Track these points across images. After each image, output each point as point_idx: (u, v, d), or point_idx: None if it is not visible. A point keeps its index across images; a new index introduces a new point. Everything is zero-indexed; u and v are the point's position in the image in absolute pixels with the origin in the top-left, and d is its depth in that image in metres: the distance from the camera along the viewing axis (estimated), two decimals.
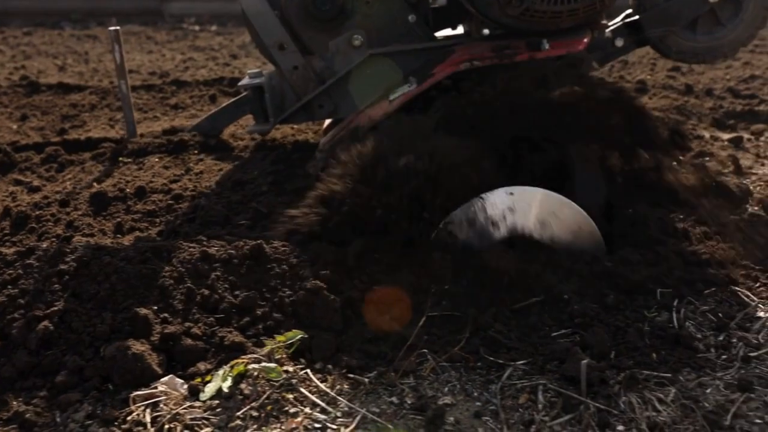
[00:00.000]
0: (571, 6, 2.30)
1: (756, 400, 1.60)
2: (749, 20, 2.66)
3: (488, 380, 1.70)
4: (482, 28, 2.45)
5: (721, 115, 4.14)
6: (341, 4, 2.56)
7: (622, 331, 1.85)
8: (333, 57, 2.59)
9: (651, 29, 2.64)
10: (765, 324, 1.89)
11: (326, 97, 2.61)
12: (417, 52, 2.55)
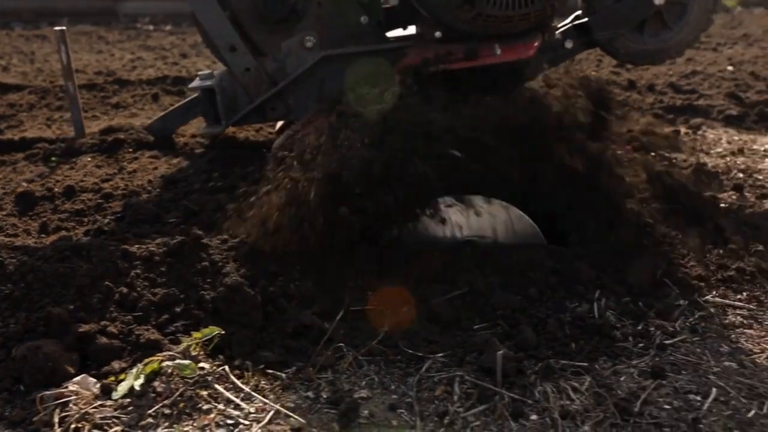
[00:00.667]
0: (522, 11, 2.30)
1: (667, 387, 1.62)
2: (694, 23, 2.71)
3: (407, 373, 1.70)
4: (434, 31, 2.45)
5: (662, 110, 4.20)
6: (293, 5, 2.54)
7: (542, 323, 1.86)
8: (285, 58, 2.56)
9: (599, 32, 2.66)
10: (683, 312, 1.92)
11: (279, 99, 2.59)
12: (369, 54, 2.53)
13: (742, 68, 5.46)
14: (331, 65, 2.52)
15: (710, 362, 1.71)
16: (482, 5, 2.28)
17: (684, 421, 1.50)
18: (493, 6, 2.28)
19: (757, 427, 1.49)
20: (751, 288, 2.04)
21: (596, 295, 1.97)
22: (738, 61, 5.85)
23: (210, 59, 6.44)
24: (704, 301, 1.97)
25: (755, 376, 1.66)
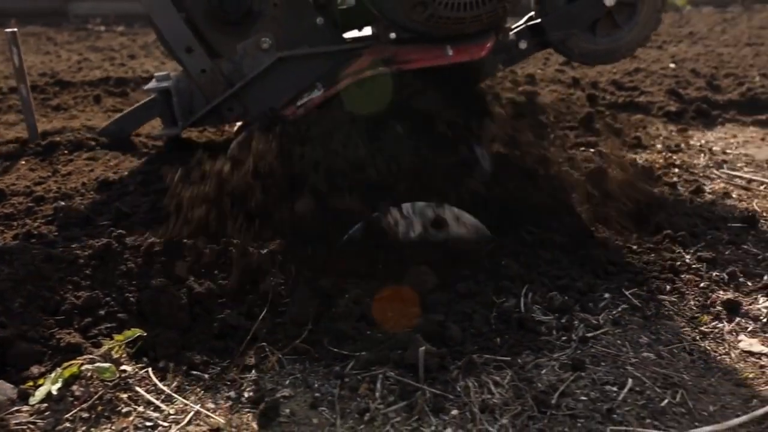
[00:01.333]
0: (474, 12, 2.34)
1: (585, 378, 1.65)
2: (644, 22, 2.77)
3: (331, 372, 1.70)
4: (389, 32, 2.46)
5: (604, 107, 4.26)
6: (248, 7, 2.52)
7: (469, 318, 1.88)
8: (241, 60, 2.55)
9: (552, 32, 2.72)
10: (607, 305, 1.95)
11: (235, 101, 2.58)
12: (325, 55, 2.54)
13: (683, 66, 5.56)
14: (287, 66, 2.53)
15: (629, 353, 1.74)
16: (435, 7, 2.31)
17: (599, 412, 1.53)
18: (445, 7, 2.32)
19: (669, 416, 1.52)
20: (673, 280, 2.07)
21: (523, 291, 1.99)
22: (681, 59, 5.96)
23: (158, 60, 6.40)
24: (630, 293, 2.00)
25: (671, 366, 1.69)
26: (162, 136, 3.13)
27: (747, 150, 3.66)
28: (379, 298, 1.93)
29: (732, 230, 2.47)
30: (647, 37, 2.84)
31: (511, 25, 2.75)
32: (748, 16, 10.36)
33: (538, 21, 2.73)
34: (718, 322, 1.89)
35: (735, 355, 1.74)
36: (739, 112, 4.35)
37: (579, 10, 2.69)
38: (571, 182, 2.51)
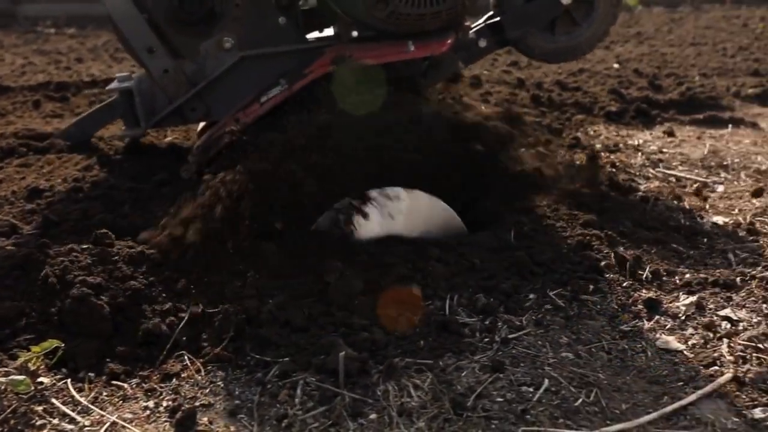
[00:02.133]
0: (434, 9, 2.39)
1: (503, 380, 1.67)
2: (601, 18, 2.84)
3: (253, 379, 1.70)
4: (351, 30, 2.50)
5: (546, 107, 4.31)
6: (210, 7, 2.53)
7: (394, 321, 1.89)
8: (204, 60, 2.55)
9: (511, 30, 2.77)
10: (531, 306, 1.98)
11: (198, 101, 2.58)
12: (288, 54, 2.56)
13: (627, 66, 5.65)
14: (250, 66, 2.54)
15: (548, 354, 1.76)
16: (395, 3, 2.35)
17: (513, 413, 1.55)
18: (405, 4, 2.36)
19: (582, 415, 1.55)
20: (597, 280, 2.11)
21: (450, 293, 2.01)
22: (625, 58, 6.06)
23: (105, 64, 6.32)
24: (555, 294, 2.03)
25: (588, 366, 1.72)
26: (125, 138, 3.12)
27: (683, 149, 3.73)
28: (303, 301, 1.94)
29: (660, 229, 2.52)
30: (606, 33, 2.91)
31: (471, 24, 2.80)
32: (696, 16, 10.55)
33: (497, 19, 2.78)
34: (638, 320, 1.93)
35: (651, 353, 1.78)
36: (678, 111, 4.43)
37: (536, 8, 2.75)
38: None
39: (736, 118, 4.31)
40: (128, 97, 2.74)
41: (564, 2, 2.74)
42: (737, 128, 4.18)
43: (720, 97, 4.71)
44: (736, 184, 3.20)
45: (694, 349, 1.79)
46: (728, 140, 3.93)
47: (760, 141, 3.90)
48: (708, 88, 4.93)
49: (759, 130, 4.15)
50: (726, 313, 1.95)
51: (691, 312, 1.96)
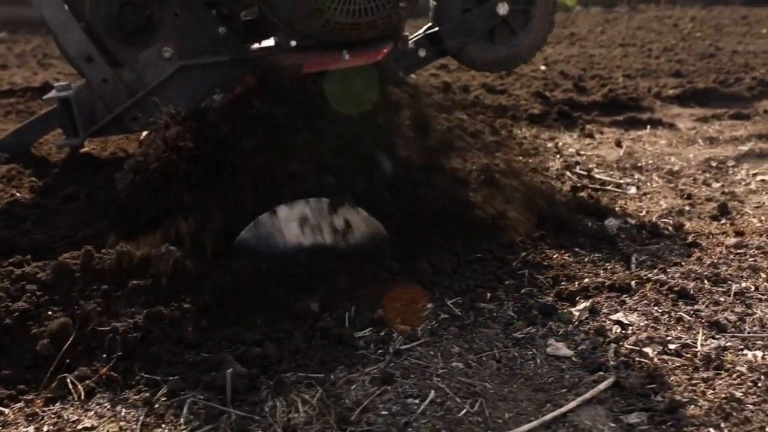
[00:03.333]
0: (369, 18, 2.42)
1: (391, 392, 1.67)
2: (538, 26, 2.92)
3: (141, 399, 1.67)
4: (289, 39, 2.52)
5: (474, 111, 4.35)
6: (149, 16, 2.52)
7: (289, 335, 1.88)
8: (143, 69, 2.55)
9: (449, 40, 2.83)
10: (428, 316, 1.99)
11: (139, 109, 2.57)
12: (227, 64, 2.57)
13: (555, 68, 5.74)
14: (190, 75, 2.57)
15: (439, 364, 1.78)
16: (330, 13, 2.39)
17: (396, 426, 1.56)
18: (340, 14, 2.40)
19: (465, 425, 1.56)
20: (495, 287, 2.13)
21: (349, 305, 2.01)
22: (553, 60, 6.15)
23: (32, 70, 6.19)
24: (452, 303, 2.04)
25: (477, 375, 1.74)
26: (64, 147, 3.07)
27: (600, 151, 3.81)
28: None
29: (566, 234, 2.55)
30: (544, 40, 3.00)
31: (410, 34, 2.85)
32: (630, 17, 10.76)
33: (436, 30, 2.84)
34: (532, 327, 1.95)
35: (540, 360, 1.80)
36: (600, 113, 4.52)
37: (474, 19, 2.82)
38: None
39: (654, 119, 4.41)
40: (67, 107, 2.71)
41: (500, 13, 2.79)
42: (655, 129, 4.28)
43: (641, 98, 4.81)
44: (648, 186, 3.27)
45: (583, 354, 1.82)
46: (645, 141, 4.02)
47: (675, 142, 3.99)
48: (630, 89, 5.03)
49: (676, 130, 4.25)
50: (618, 318, 1.99)
51: (585, 317, 2.00)
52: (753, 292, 2.15)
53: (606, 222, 2.73)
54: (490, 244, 2.33)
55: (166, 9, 2.52)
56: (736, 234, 2.59)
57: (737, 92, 4.97)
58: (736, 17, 9.95)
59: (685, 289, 2.14)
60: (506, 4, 2.81)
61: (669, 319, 2.00)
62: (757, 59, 6.06)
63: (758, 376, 1.71)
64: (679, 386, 1.67)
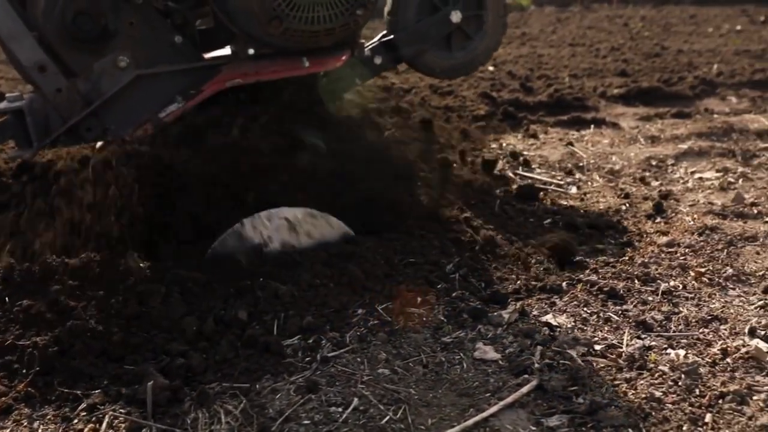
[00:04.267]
0: (327, 25, 2.45)
1: (315, 401, 1.66)
2: (492, 30, 2.96)
3: (60, 414, 1.64)
4: (247, 47, 2.52)
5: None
6: (104, 25, 2.46)
7: (216, 344, 1.86)
8: (99, 78, 2.50)
9: (404, 48, 2.86)
10: (358, 322, 1.98)
11: (94, 120, 2.51)
12: (185, 73, 2.55)
13: (503, 68, 5.77)
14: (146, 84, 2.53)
15: (365, 371, 1.77)
16: (289, 21, 2.39)
17: None
18: (299, 21, 2.41)
19: None
20: (426, 292, 2.13)
21: (279, 313, 1.99)
22: (502, 61, 6.18)
23: None
24: (382, 308, 2.04)
25: (402, 381, 1.74)
26: (16, 158, 3.00)
27: (543, 151, 3.83)
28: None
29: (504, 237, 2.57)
30: (499, 42, 3.04)
31: (366, 42, 2.88)
32: (582, 16, 10.88)
33: (391, 37, 2.87)
34: (462, 331, 1.95)
35: (467, 365, 1.80)
36: (546, 113, 4.56)
37: (428, 26, 2.85)
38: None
39: (598, 119, 4.46)
40: (19, 117, 2.65)
41: (454, 20, 2.83)
42: (599, 128, 4.32)
43: (586, 98, 4.86)
44: (589, 185, 3.31)
45: (510, 358, 1.83)
46: (588, 141, 4.06)
47: (617, 141, 4.04)
48: (576, 89, 5.08)
49: (619, 129, 4.30)
50: (547, 320, 2.00)
51: (514, 319, 2.00)
52: (681, 291, 2.18)
53: (545, 223, 2.76)
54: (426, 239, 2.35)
55: (121, 18, 2.49)
56: (669, 233, 2.62)
57: (680, 91, 5.04)
58: (685, 16, 10.11)
59: (615, 289, 2.16)
60: (459, 12, 2.84)
61: (597, 319, 2.01)
62: (701, 58, 6.17)
63: (679, 375, 1.73)
64: (601, 387, 1.69)
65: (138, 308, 1.93)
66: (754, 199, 2.97)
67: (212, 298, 2.03)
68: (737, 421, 1.57)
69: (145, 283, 1.99)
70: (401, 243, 2.33)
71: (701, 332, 1.95)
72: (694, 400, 1.65)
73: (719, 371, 1.76)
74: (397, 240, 2.36)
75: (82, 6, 2.42)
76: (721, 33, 7.95)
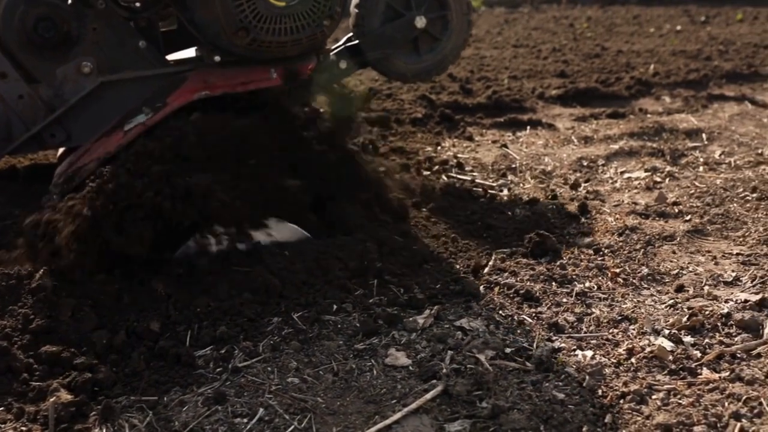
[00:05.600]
0: (294, 36, 2.46)
1: (221, 412, 1.66)
2: (458, 28, 2.97)
3: None
4: (214, 55, 2.51)
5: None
6: (66, 31, 2.44)
7: (126, 357, 1.85)
8: (62, 85, 2.48)
9: (369, 52, 2.87)
10: (272, 331, 1.98)
11: (58, 126, 2.51)
12: (150, 79, 2.54)
13: None
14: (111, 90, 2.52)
15: (274, 381, 1.77)
16: (257, 32, 2.40)
17: None
18: (267, 33, 2.41)
19: None
20: (343, 299, 2.13)
21: (191, 324, 1.98)
22: None
23: None
24: (298, 316, 2.04)
25: (311, 390, 1.74)
26: None
27: (478, 153, 3.87)
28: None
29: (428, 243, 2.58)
30: (465, 41, 3.06)
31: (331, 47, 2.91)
32: (530, 17, 10.98)
33: (356, 42, 2.88)
34: (375, 337, 1.96)
35: (377, 371, 1.81)
36: (484, 115, 4.59)
37: (392, 31, 2.86)
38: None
39: (534, 120, 4.51)
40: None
41: (418, 26, 2.85)
42: (535, 130, 4.37)
43: (524, 100, 4.91)
44: (519, 187, 3.34)
45: (421, 363, 1.84)
46: (523, 142, 4.10)
47: (551, 142, 4.09)
48: (515, 90, 5.13)
49: (554, 130, 4.35)
50: (461, 324, 2.02)
51: (429, 324, 2.02)
52: (595, 292, 2.22)
53: (474, 225, 2.78)
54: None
55: (84, 23, 2.47)
56: (590, 233, 2.67)
57: (616, 91, 5.11)
58: (629, 17, 10.26)
59: (531, 291, 2.19)
60: (423, 18, 2.85)
61: (511, 322, 2.04)
62: (639, 58, 6.27)
63: (584, 376, 1.76)
64: (506, 391, 1.70)
65: (47, 322, 1.90)
66: (677, 198, 3.03)
67: (125, 310, 2.01)
68: (634, 421, 1.60)
69: (56, 297, 1.96)
70: (321, 249, 2.32)
71: (610, 333, 1.99)
72: (596, 400, 1.68)
73: (623, 371, 1.79)
74: (318, 246, 2.36)
75: (43, 12, 2.41)
76: (662, 33, 8.09)
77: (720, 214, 2.82)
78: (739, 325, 1.97)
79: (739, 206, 2.92)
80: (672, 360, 1.83)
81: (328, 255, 2.28)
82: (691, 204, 2.97)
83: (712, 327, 1.98)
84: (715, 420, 1.59)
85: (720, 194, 3.06)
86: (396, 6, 2.86)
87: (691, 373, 1.78)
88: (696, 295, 2.19)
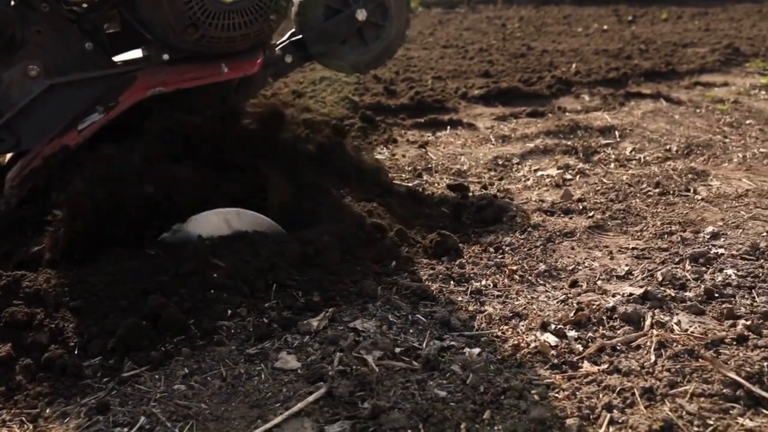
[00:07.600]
0: (243, 31, 2.53)
1: (103, 423, 1.64)
2: (397, 11, 3.05)
3: None
4: (162, 53, 2.53)
5: None
6: (11, 35, 2.40)
7: (10, 369, 1.82)
8: (8, 89, 2.45)
9: (313, 46, 2.93)
10: (163, 338, 1.97)
11: (6, 131, 2.46)
12: (98, 80, 2.53)
13: (369, 72, 5.82)
14: (60, 93, 2.50)
15: (160, 388, 1.76)
16: (206, 28, 2.46)
17: None
18: (216, 28, 2.48)
19: None
20: (238, 304, 2.13)
21: (82, 332, 1.96)
22: None
23: None
24: (192, 323, 2.03)
25: (196, 396, 1.73)
26: None
27: (395, 154, 3.90)
28: None
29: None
30: (407, 21, 3.14)
31: (276, 41, 2.95)
32: (464, 17, 11.10)
33: (300, 37, 2.94)
34: (268, 341, 1.97)
35: (265, 375, 1.82)
36: (407, 116, 4.63)
37: (334, 26, 2.92)
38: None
39: (455, 120, 4.56)
40: None
41: (360, 18, 2.92)
42: (455, 129, 4.43)
43: (446, 100, 4.97)
44: (434, 187, 3.38)
45: (311, 366, 1.85)
46: (442, 142, 4.15)
47: (470, 141, 4.15)
48: (438, 90, 5.19)
49: (474, 130, 4.41)
50: (355, 325, 2.04)
51: (323, 327, 2.03)
52: (490, 290, 2.26)
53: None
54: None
55: (28, 27, 2.43)
56: (494, 232, 2.71)
57: (538, 90, 5.21)
58: (560, 17, 10.46)
59: (427, 291, 2.22)
60: (363, 10, 2.91)
61: (404, 322, 2.06)
62: (562, 57, 6.39)
63: (468, 373, 1.80)
64: (389, 391, 1.73)
65: None
66: (582, 195, 3.10)
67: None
68: (512, 416, 1.64)
69: None
70: (223, 254, 2.32)
71: (501, 330, 2.03)
72: (477, 397, 1.71)
73: (506, 367, 1.83)
74: (220, 251, 2.35)
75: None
76: (588, 33, 8.26)
77: (621, 210, 2.90)
78: (623, 318, 2.03)
79: (641, 201, 3.01)
80: (555, 355, 1.87)
81: (227, 259, 2.27)
82: (595, 200, 3.04)
83: (597, 321, 2.04)
84: (588, 412, 1.63)
85: (624, 190, 3.15)
86: (334, 5, 2.92)
87: (572, 367, 1.83)
88: (588, 290, 2.25)
